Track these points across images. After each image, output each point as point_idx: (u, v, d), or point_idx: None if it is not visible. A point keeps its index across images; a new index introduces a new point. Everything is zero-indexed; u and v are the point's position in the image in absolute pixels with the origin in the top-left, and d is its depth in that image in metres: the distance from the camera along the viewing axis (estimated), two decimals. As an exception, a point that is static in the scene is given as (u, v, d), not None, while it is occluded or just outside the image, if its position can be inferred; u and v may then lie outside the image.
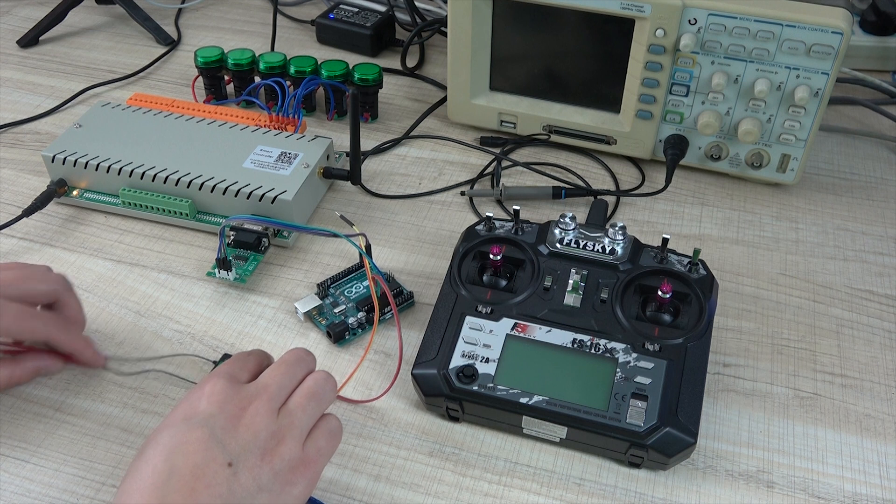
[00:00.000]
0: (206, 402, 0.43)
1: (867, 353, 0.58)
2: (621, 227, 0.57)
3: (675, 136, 0.70)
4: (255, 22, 0.97)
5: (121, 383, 0.55)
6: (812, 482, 0.50)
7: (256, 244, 0.64)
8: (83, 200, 0.69)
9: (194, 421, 0.42)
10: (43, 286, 0.52)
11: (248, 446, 0.42)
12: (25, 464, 0.51)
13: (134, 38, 0.94)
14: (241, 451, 0.41)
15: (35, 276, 0.53)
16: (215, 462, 0.41)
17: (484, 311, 0.55)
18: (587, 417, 0.49)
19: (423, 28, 0.87)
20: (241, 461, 0.41)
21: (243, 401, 0.43)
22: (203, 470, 0.40)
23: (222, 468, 0.41)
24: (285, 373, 0.46)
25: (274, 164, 0.67)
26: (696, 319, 0.53)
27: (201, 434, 0.41)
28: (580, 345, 0.52)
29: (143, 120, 0.72)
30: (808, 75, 0.64)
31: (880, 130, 0.79)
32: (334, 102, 0.79)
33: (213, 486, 0.40)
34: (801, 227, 0.68)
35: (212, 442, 0.41)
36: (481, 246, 0.58)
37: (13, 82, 0.86)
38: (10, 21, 0.97)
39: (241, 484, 0.41)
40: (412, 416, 0.54)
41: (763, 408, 0.54)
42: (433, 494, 0.50)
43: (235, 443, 0.42)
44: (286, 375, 0.46)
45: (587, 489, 0.50)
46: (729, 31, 0.63)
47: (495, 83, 0.75)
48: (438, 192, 0.72)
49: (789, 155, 0.69)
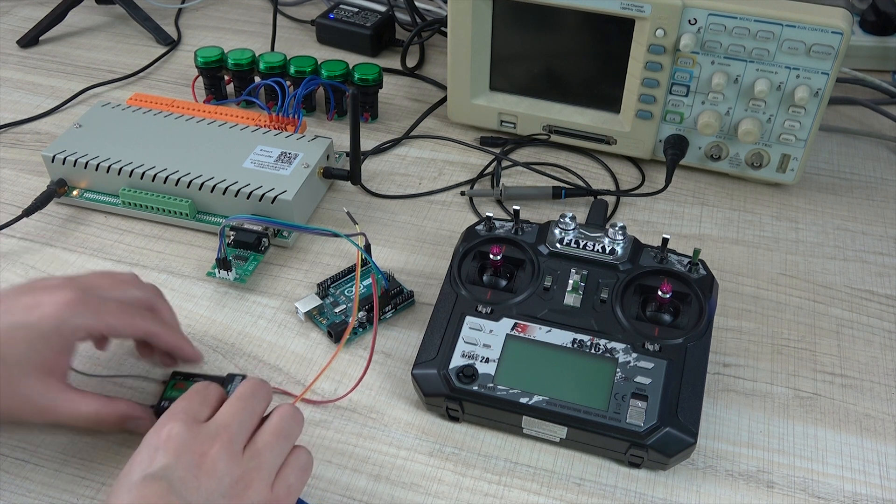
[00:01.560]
0: (162, 452, 0.40)
1: (867, 353, 0.58)
2: (621, 227, 0.57)
3: (675, 136, 0.70)
4: (255, 22, 0.97)
5: (121, 383, 0.55)
6: (812, 482, 0.50)
7: (256, 244, 0.64)
8: (83, 200, 0.69)
9: (151, 474, 0.39)
10: (139, 292, 0.52)
11: (212, 495, 0.39)
12: (25, 464, 0.51)
13: (134, 38, 0.94)
14: (205, 499, 0.39)
15: (130, 283, 0.52)
16: None
17: (484, 311, 0.55)
18: (587, 417, 0.49)
19: (423, 28, 0.87)
20: None
21: (203, 445, 0.41)
22: None
23: None
24: (243, 408, 0.44)
25: (274, 164, 0.67)
26: (696, 319, 0.53)
27: (159, 489, 0.39)
28: (580, 345, 0.52)
29: (143, 120, 0.72)
30: (808, 75, 0.64)
31: (880, 130, 0.79)
32: (334, 102, 0.79)
33: None
34: (801, 227, 0.68)
35: (173, 495, 0.39)
36: (481, 246, 0.58)
37: (13, 82, 0.86)
38: (10, 21, 0.97)
39: None
40: (412, 416, 0.54)
41: (763, 408, 0.54)
42: (433, 494, 0.50)
43: (197, 494, 0.39)
44: (245, 410, 0.43)
45: (587, 489, 0.50)
46: (729, 31, 0.63)
47: (495, 83, 0.75)
48: (438, 192, 0.72)
49: (789, 155, 0.69)
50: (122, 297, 0.50)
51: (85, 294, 0.47)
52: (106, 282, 0.50)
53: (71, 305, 0.46)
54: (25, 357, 0.45)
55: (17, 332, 0.45)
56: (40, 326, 0.45)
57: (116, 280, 0.51)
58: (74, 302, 0.46)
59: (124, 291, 0.51)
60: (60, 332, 0.46)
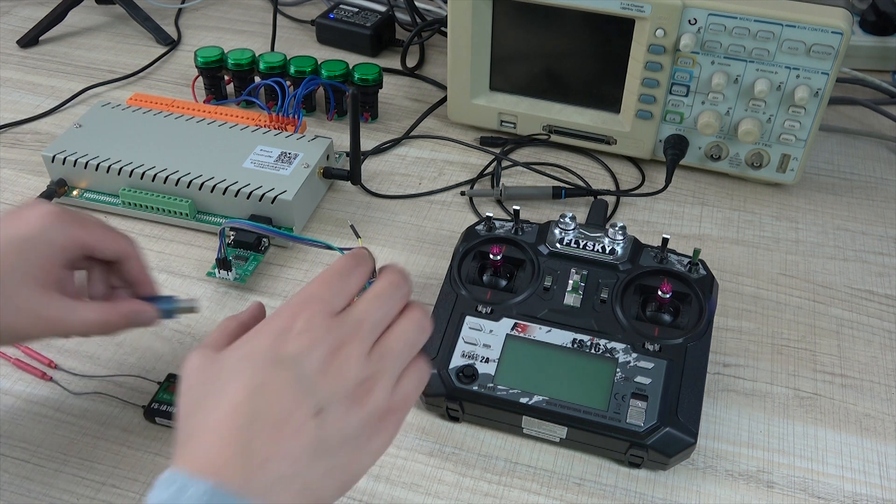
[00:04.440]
0: (294, 341, 0.39)
1: (867, 353, 0.58)
2: (621, 227, 0.57)
3: (675, 136, 0.70)
4: (255, 22, 0.97)
5: (121, 383, 0.55)
6: (812, 482, 0.50)
7: (256, 244, 0.64)
8: (83, 200, 0.69)
9: (279, 361, 0.38)
10: None
11: (338, 393, 0.38)
12: (25, 464, 0.51)
13: (134, 38, 0.94)
14: (330, 397, 0.38)
15: None
16: (302, 410, 0.37)
17: (484, 310, 0.55)
18: (587, 417, 0.49)
19: (423, 28, 0.87)
20: (329, 409, 0.38)
21: (336, 340, 0.39)
22: (289, 417, 0.36)
23: (309, 417, 0.37)
24: (381, 307, 0.41)
25: (274, 164, 0.67)
26: (697, 319, 0.53)
27: (289, 377, 0.37)
28: (580, 345, 0.52)
29: (143, 120, 0.72)
30: (808, 75, 0.64)
31: (880, 130, 0.79)
32: (334, 102, 0.79)
33: (298, 435, 0.36)
34: (801, 227, 0.68)
35: (299, 387, 0.37)
36: (481, 246, 0.58)
37: (13, 82, 0.86)
38: (10, 21, 0.97)
39: (328, 433, 0.37)
40: (412, 416, 0.54)
41: (763, 408, 0.54)
42: (433, 494, 0.50)
43: (325, 389, 0.38)
44: (381, 309, 0.41)
45: (587, 489, 0.50)
46: (729, 31, 0.63)
47: (495, 83, 0.75)
48: (438, 192, 0.72)
49: (789, 155, 0.69)
50: None
51: (66, 209, 0.48)
52: None
53: (57, 215, 0.47)
54: (17, 267, 0.45)
55: (5, 247, 0.45)
56: (28, 236, 0.46)
57: None
58: (59, 213, 0.47)
59: None
60: (49, 239, 0.46)
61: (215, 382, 0.38)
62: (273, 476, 0.35)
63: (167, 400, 0.53)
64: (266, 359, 0.38)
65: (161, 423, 0.53)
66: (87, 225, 0.48)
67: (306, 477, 0.37)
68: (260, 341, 0.39)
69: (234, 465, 0.35)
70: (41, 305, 0.46)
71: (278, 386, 0.37)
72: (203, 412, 0.37)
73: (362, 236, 0.66)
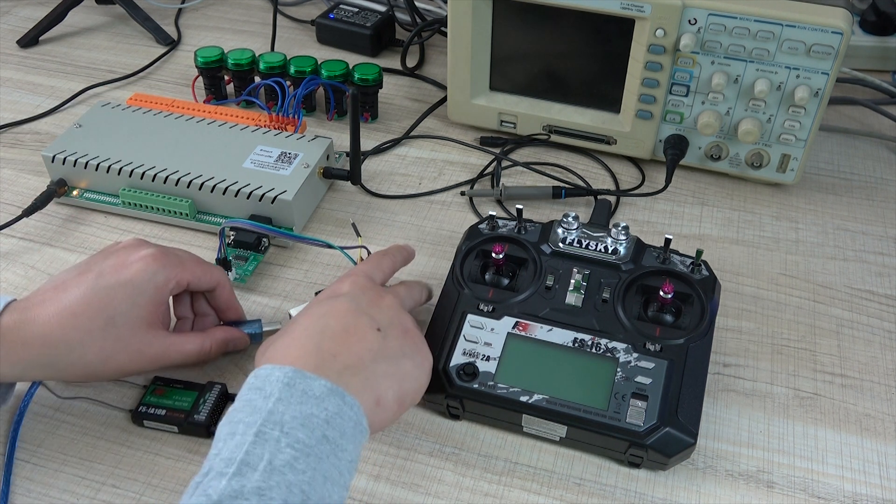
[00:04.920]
0: (349, 286, 0.49)
1: (867, 353, 0.58)
2: (624, 227, 0.57)
3: (675, 136, 0.70)
4: (255, 22, 0.97)
5: (121, 383, 0.55)
6: (812, 482, 0.50)
7: (256, 244, 0.64)
8: (83, 200, 0.69)
9: (339, 296, 0.48)
10: None
11: (392, 321, 0.48)
12: (25, 464, 0.51)
13: (134, 38, 0.94)
14: (387, 322, 0.47)
15: None
16: (365, 325, 0.46)
17: (486, 309, 0.55)
18: (587, 417, 0.49)
19: (423, 28, 0.87)
20: (387, 329, 0.47)
21: (380, 292, 0.50)
22: (355, 328, 0.46)
23: (372, 330, 0.46)
24: (409, 288, 0.55)
25: (274, 164, 0.67)
26: (698, 320, 0.53)
27: (350, 305, 0.47)
28: (581, 344, 0.52)
29: (143, 120, 0.72)
30: (808, 75, 0.64)
31: (880, 130, 0.79)
32: (334, 102, 0.79)
33: (364, 340, 0.45)
34: (801, 227, 0.68)
35: (358, 310, 0.47)
36: (484, 244, 0.58)
37: (13, 82, 0.86)
38: (10, 21, 0.97)
39: (390, 346, 0.46)
40: (412, 416, 0.54)
41: (763, 408, 0.54)
42: (433, 494, 0.50)
43: (381, 316, 0.48)
44: (411, 291, 0.55)
45: (587, 489, 0.50)
46: (729, 31, 0.63)
47: (495, 83, 0.75)
48: (438, 192, 0.72)
49: (789, 155, 0.69)
50: None
51: (163, 249, 0.52)
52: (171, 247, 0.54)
53: (158, 259, 0.50)
54: (130, 313, 0.49)
55: (117, 293, 0.48)
56: (136, 282, 0.49)
57: None
58: (159, 255, 0.51)
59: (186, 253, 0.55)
60: (155, 284, 0.50)
61: (292, 323, 0.47)
62: (341, 365, 0.44)
63: (154, 403, 0.53)
64: (326, 297, 0.49)
65: (149, 427, 0.53)
66: (185, 263, 0.52)
67: (369, 371, 0.44)
68: (318, 296, 0.50)
69: (309, 357, 0.43)
70: (146, 343, 0.50)
71: (342, 309, 0.47)
72: (279, 340, 0.46)
73: (362, 235, 0.66)
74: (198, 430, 0.52)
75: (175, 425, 0.52)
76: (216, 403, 0.53)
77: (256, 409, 0.40)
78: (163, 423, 0.52)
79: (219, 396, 0.53)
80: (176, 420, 0.52)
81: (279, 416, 0.40)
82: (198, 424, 0.51)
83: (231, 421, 0.41)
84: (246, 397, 0.42)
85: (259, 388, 0.41)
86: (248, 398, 0.41)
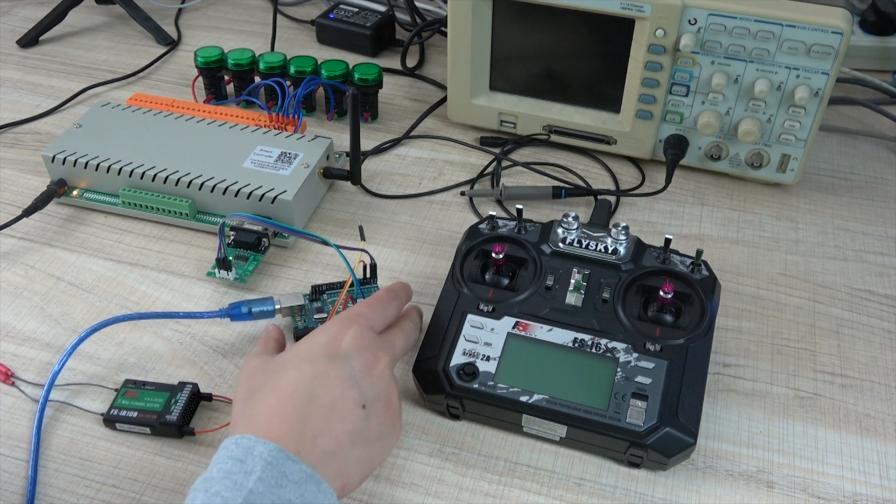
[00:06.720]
0: (348, 344, 0.47)
1: (867, 353, 0.58)
2: (624, 227, 0.57)
3: (675, 136, 0.71)
4: (255, 22, 0.97)
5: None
6: (812, 482, 0.50)
7: (256, 244, 0.64)
8: (83, 200, 0.69)
9: (336, 356, 0.46)
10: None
11: (379, 394, 0.46)
12: (26, 464, 0.51)
13: (134, 38, 0.94)
14: (374, 396, 0.46)
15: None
16: (351, 400, 0.45)
17: (486, 309, 0.55)
18: (587, 417, 0.49)
19: (423, 28, 0.87)
20: (371, 405, 0.45)
21: (377, 351, 0.48)
22: (340, 403, 0.44)
23: (357, 407, 0.45)
24: (407, 338, 0.52)
25: (274, 164, 0.67)
26: (698, 320, 0.53)
27: (342, 371, 0.45)
28: (581, 344, 0.52)
29: (143, 120, 0.72)
30: (808, 75, 0.64)
31: (880, 130, 0.79)
32: (334, 102, 0.79)
33: (346, 420, 0.44)
34: (801, 227, 0.68)
35: (349, 380, 0.45)
36: (484, 244, 0.58)
37: (13, 82, 0.86)
38: (10, 21, 0.97)
39: (370, 427, 0.45)
40: (412, 416, 0.54)
41: (763, 408, 0.54)
42: (433, 494, 0.50)
43: (370, 389, 0.46)
44: (408, 340, 0.52)
45: (587, 489, 0.50)
46: (729, 31, 0.63)
47: (495, 83, 0.75)
48: (438, 192, 0.72)
49: (789, 155, 0.69)
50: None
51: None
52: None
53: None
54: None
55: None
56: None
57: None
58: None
59: None
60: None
61: (275, 374, 0.46)
62: (320, 452, 0.42)
63: (126, 405, 0.53)
64: (323, 354, 0.46)
65: (122, 430, 0.52)
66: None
67: (345, 457, 0.43)
68: (317, 340, 0.47)
69: (291, 435, 0.42)
70: None
71: (333, 377, 0.45)
72: (263, 394, 0.44)
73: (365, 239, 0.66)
74: (170, 430, 0.52)
75: (147, 426, 0.52)
76: (188, 403, 0.52)
77: (237, 486, 0.39)
78: (135, 424, 0.52)
79: (190, 396, 0.53)
80: (148, 421, 0.51)
81: (258, 499, 0.39)
82: (170, 425, 0.51)
83: (208, 490, 0.39)
84: (226, 467, 0.40)
85: (240, 459, 0.40)
86: (228, 469, 0.40)
